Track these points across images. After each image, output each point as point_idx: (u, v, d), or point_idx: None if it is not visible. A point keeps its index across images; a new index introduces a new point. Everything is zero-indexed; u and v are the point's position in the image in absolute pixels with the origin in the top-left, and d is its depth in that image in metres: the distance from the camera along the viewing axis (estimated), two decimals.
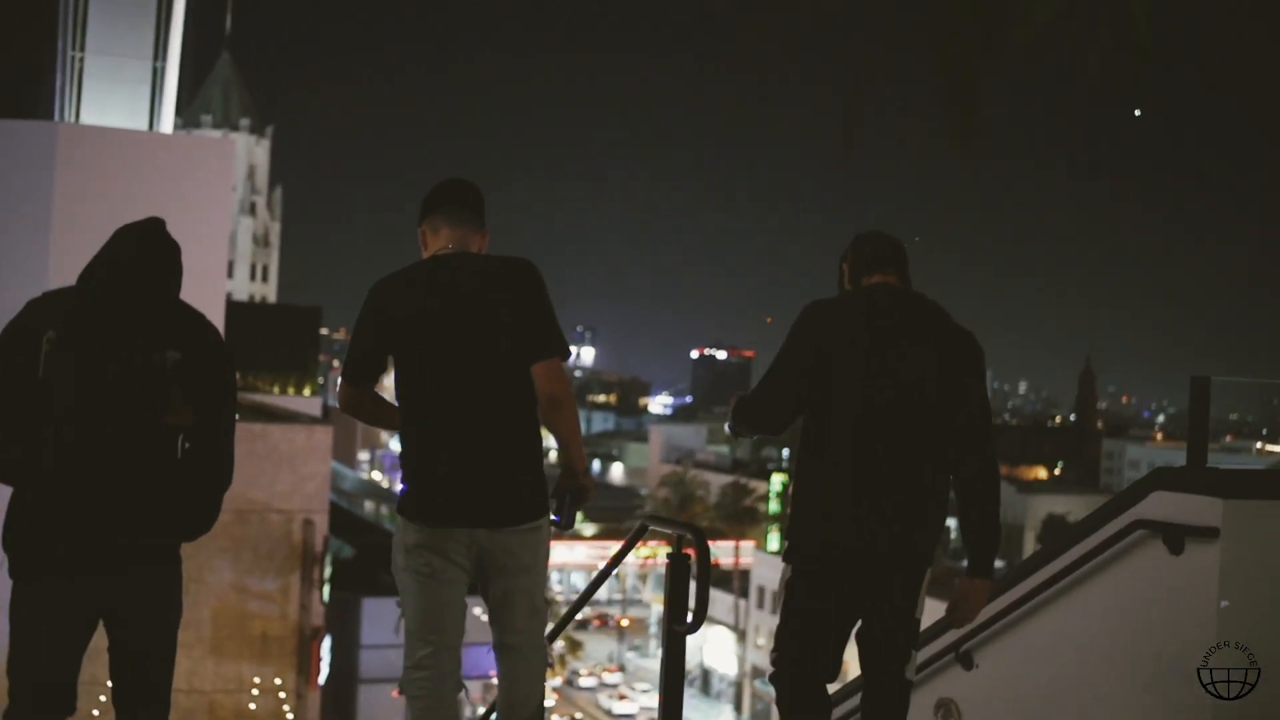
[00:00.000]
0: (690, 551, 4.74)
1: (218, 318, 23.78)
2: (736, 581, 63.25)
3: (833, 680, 4.15)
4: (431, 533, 3.94)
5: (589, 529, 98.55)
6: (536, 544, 4.02)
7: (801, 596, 4.03)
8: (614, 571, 5.48)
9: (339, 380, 4.19)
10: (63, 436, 3.71)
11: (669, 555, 4.81)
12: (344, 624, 28.42)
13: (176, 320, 3.93)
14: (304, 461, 24.63)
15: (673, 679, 4.95)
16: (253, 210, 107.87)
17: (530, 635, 4.10)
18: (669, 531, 4.97)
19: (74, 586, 3.79)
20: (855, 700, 4.67)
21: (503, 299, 3.95)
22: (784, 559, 4.08)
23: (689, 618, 4.76)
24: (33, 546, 3.76)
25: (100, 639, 3.96)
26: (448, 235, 4.05)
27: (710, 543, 4.86)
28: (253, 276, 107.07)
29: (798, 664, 4.06)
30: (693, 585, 4.76)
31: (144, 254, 3.91)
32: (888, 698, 4.12)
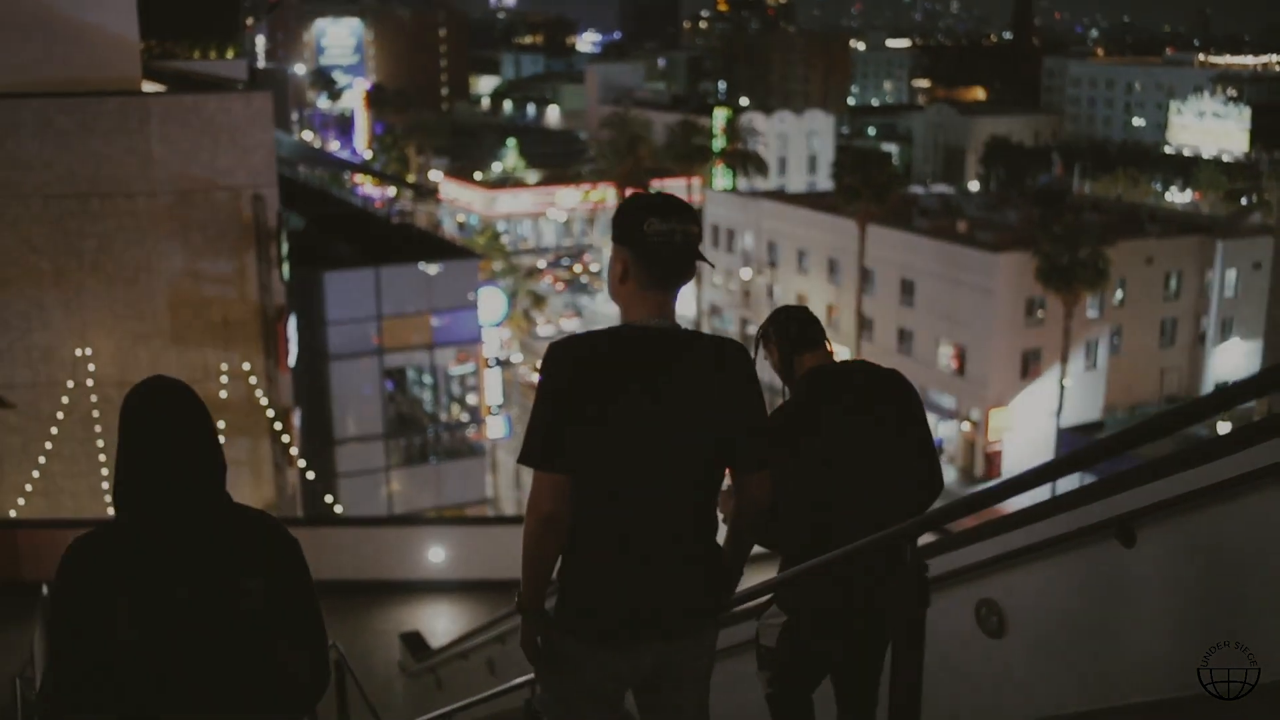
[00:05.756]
0: None
1: None
2: None
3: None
4: (619, 655, 3.46)
5: (532, 176, 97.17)
6: (712, 645, 3.67)
7: (805, 643, 4.38)
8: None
9: (534, 478, 3.34)
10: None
11: None
12: (308, 301, 27.37)
13: (247, 534, 3.11)
14: (246, 132, 22.93)
15: None
16: None
17: None
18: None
19: None
20: None
21: (734, 401, 3.47)
22: (779, 605, 4.43)
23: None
24: None
25: None
26: (657, 304, 3.46)
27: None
28: None
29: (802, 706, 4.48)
30: None
31: (192, 442, 3.04)
32: None
